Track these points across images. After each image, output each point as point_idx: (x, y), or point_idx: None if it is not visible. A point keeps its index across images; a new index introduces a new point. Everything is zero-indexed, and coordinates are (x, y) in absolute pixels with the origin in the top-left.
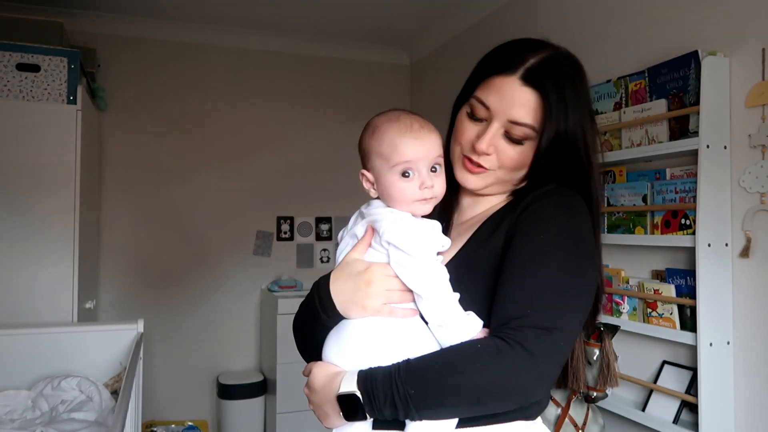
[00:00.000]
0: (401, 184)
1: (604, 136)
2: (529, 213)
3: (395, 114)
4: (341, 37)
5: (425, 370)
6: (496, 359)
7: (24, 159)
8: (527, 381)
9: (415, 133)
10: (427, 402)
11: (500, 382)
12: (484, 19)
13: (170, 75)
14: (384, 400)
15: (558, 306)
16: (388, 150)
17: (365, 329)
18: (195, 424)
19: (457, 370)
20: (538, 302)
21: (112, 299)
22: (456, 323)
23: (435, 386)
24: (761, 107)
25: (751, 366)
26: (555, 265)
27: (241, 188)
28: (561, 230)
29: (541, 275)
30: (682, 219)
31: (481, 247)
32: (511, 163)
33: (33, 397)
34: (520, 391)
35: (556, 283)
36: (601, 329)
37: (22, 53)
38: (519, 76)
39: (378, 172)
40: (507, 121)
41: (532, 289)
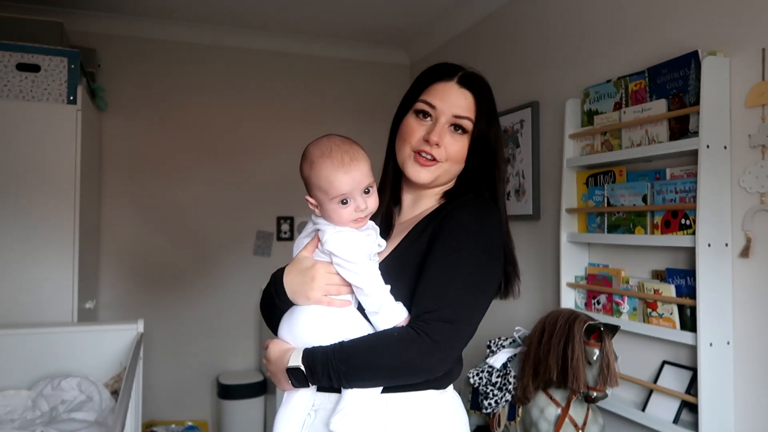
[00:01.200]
0: (340, 211)
1: (604, 136)
2: (448, 220)
3: (327, 146)
4: (341, 37)
5: (353, 351)
6: (407, 345)
7: (24, 159)
8: (431, 363)
9: (346, 168)
10: (354, 376)
11: (409, 363)
12: (484, 19)
13: (170, 75)
14: (321, 374)
15: (462, 302)
16: (326, 185)
17: (309, 315)
18: (195, 424)
19: (377, 353)
20: (446, 299)
21: (112, 299)
22: (387, 311)
23: (359, 364)
24: (761, 107)
25: (751, 366)
26: (463, 268)
27: (241, 188)
28: (471, 237)
29: (451, 275)
30: (682, 219)
31: (410, 247)
32: (455, 155)
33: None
34: (425, 370)
35: (462, 282)
36: (601, 329)
37: (22, 53)
38: (456, 81)
39: (319, 201)
40: (451, 116)
41: (442, 287)
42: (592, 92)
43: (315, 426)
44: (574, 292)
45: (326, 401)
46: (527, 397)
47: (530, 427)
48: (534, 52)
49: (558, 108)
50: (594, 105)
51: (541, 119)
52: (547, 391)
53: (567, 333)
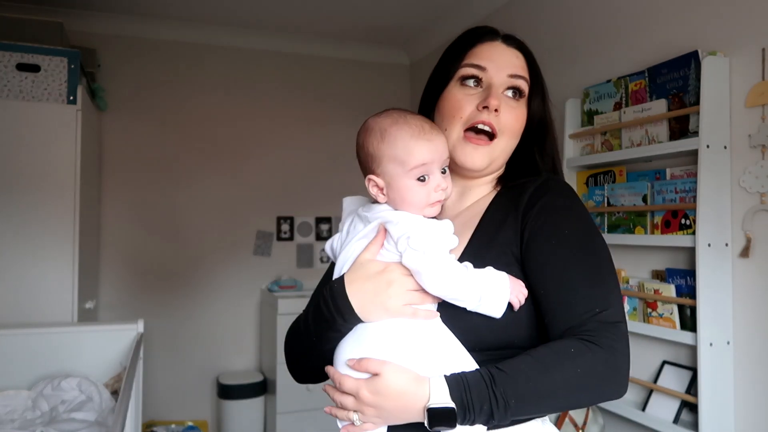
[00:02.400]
0: (417, 189)
1: (604, 136)
2: (542, 209)
3: (401, 115)
4: (341, 37)
5: (520, 375)
6: (588, 357)
7: (24, 159)
8: (620, 374)
9: (428, 135)
10: (525, 406)
11: (596, 376)
12: (483, 19)
13: (170, 75)
14: (480, 410)
15: (613, 297)
16: (404, 154)
17: (389, 333)
18: (195, 424)
19: (553, 372)
20: (599, 300)
21: (112, 299)
22: (489, 293)
23: (534, 389)
24: (761, 107)
25: (751, 366)
26: (593, 259)
27: (241, 188)
28: (579, 221)
29: (588, 272)
30: (682, 219)
31: (490, 245)
32: (512, 125)
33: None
34: (616, 382)
35: (600, 276)
36: None
37: (22, 53)
38: (501, 40)
39: (391, 177)
40: (506, 76)
41: (590, 286)
42: (592, 92)
43: None
44: None
45: None
46: None
47: None
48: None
49: (558, 108)
50: (594, 105)
51: None
52: None
53: None
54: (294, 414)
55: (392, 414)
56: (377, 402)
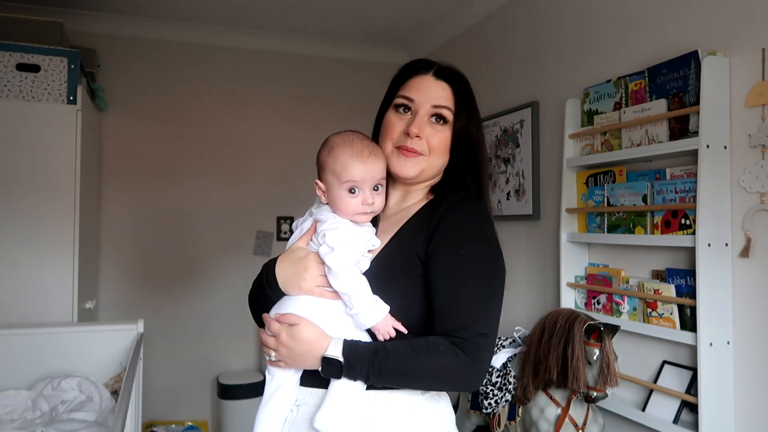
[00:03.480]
0: (347, 199)
1: (604, 136)
2: (446, 225)
3: (350, 137)
4: (341, 37)
5: (396, 354)
6: (452, 358)
7: (24, 159)
8: (474, 378)
9: (364, 159)
10: (393, 379)
11: (452, 374)
12: (483, 19)
13: (170, 75)
14: (359, 370)
15: (490, 313)
16: (340, 169)
17: (300, 306)
18: (195, 424)
19: (421, 361)
20: (476, 312)
21: (112, 299)
22: (367, 312)
23: (402, 367)
24: (761, 107)
25: (751, 366)
26: (481, 277)
27: (241, 188)
28: (478, 242)
29: (472, 287)
30: (682, 219)
31: (402, 249)
32: (437, 146)
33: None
34: (467, 383)
35: (483, 292)
36: (601, 329)
37: (22, 53)
38: (432, 74)
39: (329, 185)
40: (430, 106)
41: (469, 300)
42: (592, 92)
43: (297, 422)
44: (574, 292)
45: (309, 396)
46: (527, 397)
47: (530, 427)
48: (534, 52)
49: (558, 108)
50: (594, 105)
51: (541, 119)
52: (547, 391)
53: (567, 333)
54: None
55: (299, 357)
56: (290, 345)
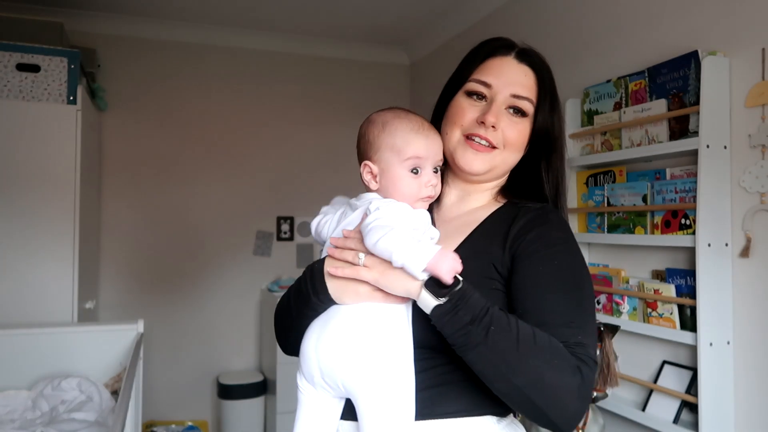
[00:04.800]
0: (408, 179)
1: (604, 136)
2: (537, 236)
3: (403, 111)
4: (341, 37)
5: (511, 331)
6: (571, 371)
7: (24, 159)
8: (578, 409)
9: (426, 132)
10: (495, 346)
11: (562, 393)
12: (484, 19)
13: (170, 75)
14: (465, 313)
15: (588, 334)
16: (401, 144)
17: (357, 316)
18: (195, 424)
19: (537, 353)
20: (574, 332)
21: (112, 299)
22: (413, 255)
23: (511, 342)
24: (761, 107)
25: (751, 366)
26: (577, 293)
27: (241, 188)
28: (570, 255)
29: (570, 303)
30: (682, 219)
31: (477, 255)
32: (514, 141)
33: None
34: (568, 416)
35: (580, 310)
36: (601, 329)
37: (22, 53)
38: (514, 56)
39: (386, 164)
40: (509, 95)
41: (566, 317)
42: (592, 92)
43: None
44: None
45: (351, 430)
46: None
47: (530, 427)
48: None
49: None
50: (594, 105)
51: None
52: None
53: None
54: (294, 414)
55: (392, 273)
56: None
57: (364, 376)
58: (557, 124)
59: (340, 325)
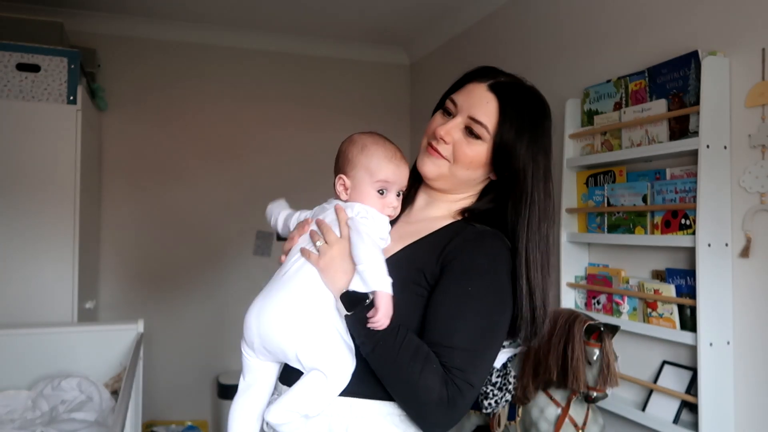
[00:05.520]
0: (375, 198)
1: (604, 136)
2: (464, 258)
3: (381, 139)
4: (341, 37)
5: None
6: (438, 384)
7: (24, 159)
8: (438, 421)
9: (397, 162)
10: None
11: (427, 401)
12: (484, 19)
13: (170, 75)
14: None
15: (481, 364)
16: (375, 167)
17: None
18: (195, 424)
19: (417, 363)
20: (469, 358)
21: (112, 299)
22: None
23: (395, 357)
24: (761, 107)
25: (751, 366)
26: (481, 323)
27: (241, 188)
28: (487, 286)
29: (473, 329)
30: (682, 219)
31: (411, 263)
32: (463, 158)
33: (33, 397)
34: (429, 423)
35: (482, 340)
36: (601, 329)
37: (22, 53)
38: (487, 85)
39: (359, 182)
40: (467, 116)
41: (465, 340)
42: (592, 92)
43: None
44: (574, 292)
45: None
46: (527, 397)
47: (530, 427)
48: (534, 52)
49: (558, 108)
50: (594, 105)
51: None
52: (547, 391)
53: (567, 333)
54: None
55: (339, 267)
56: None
57: (297, 346)
58: (524, 156)
59: (278, 299)
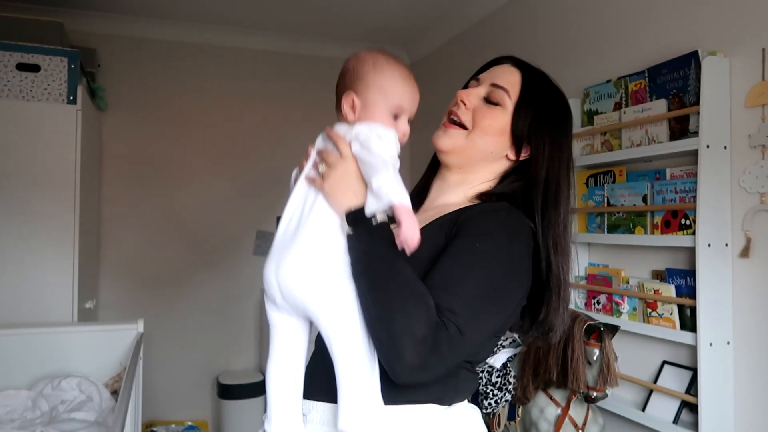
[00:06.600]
0: (388, 123)
1: (604, 136)
2: (474, 222)
3: (392, 58)
4: (341, 37)
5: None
6: (424, 325)
7: (24, 159)
8: (412, 366)
9: (413, 85)
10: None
11: (407, 339)
12: (484, 18)
13: (170, 75)
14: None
15: (479, 317)
16: (391, 88)
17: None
18: (195, 424)
19: (406, 296)
20: (467, 306)
21: (112, 299)
22: (393, 186)
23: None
24: (761, 107)
25: (751, 366)
26: (481, 276)
27: (241, 188)
28: (497, 246)
29: (476, 281)
30: (682, 219)
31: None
32: (481, 121)
33: (33, 397)
34: (401, 365)
35: (477, 289)
36: (601, 329)
37: (22, 53)
38: (512, 62)
39: (371, 102)
40: (489, 84)
41: (465, 288)
42: (592, 92)
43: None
44: (574, 292)
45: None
46: (527, 397)
47: (530, 427)
48: (534, 52)
49: None
50: (594, 105)
51: None
52: (547, 391)
53: (567, 333)
54: None
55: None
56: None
57: (319, 298)
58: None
59: (295, 250)
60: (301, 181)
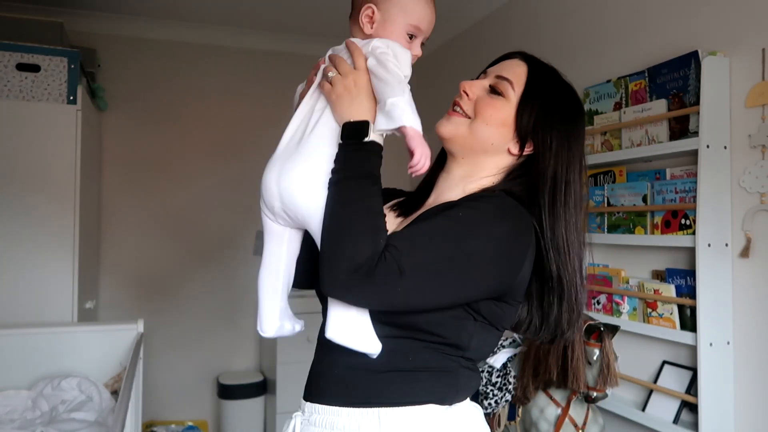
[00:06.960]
0: (403, 41)
1: (604, 136)
2: (465, 200)
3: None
4: (341, 36)
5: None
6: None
7: (24, 159)
8: (339, 283)
9: (433, 9)
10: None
11: (346, 258)
12: (484, 18)
13: (170, 75)
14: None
15: (424, 276)
16: (412, 7)
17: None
18: (195, 424)
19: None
20: (412, 250)
21: (112, 299)
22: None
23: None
24: (761, 107)
25: (751, 366)
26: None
27: (241, 188)
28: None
29: (436, 233)
30: (682, 219)
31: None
32: (484, 110)
33: (33, 397)
34: (332, 277)
35: (440, 255)
36: (601, 329)
37: (22, 53)
38: (520, 57)
39: (390, 18)
40: (494, 76)
41: (418, 236)
42: (592, 92)
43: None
44: None
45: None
46: (527, 397)
47: (530, 427)
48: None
49: None
50: (594, 105)
51: None
52: (547, 391)
53: None
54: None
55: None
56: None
57: (319, 208)
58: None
59: (300, 160)
60: (310, 95)
